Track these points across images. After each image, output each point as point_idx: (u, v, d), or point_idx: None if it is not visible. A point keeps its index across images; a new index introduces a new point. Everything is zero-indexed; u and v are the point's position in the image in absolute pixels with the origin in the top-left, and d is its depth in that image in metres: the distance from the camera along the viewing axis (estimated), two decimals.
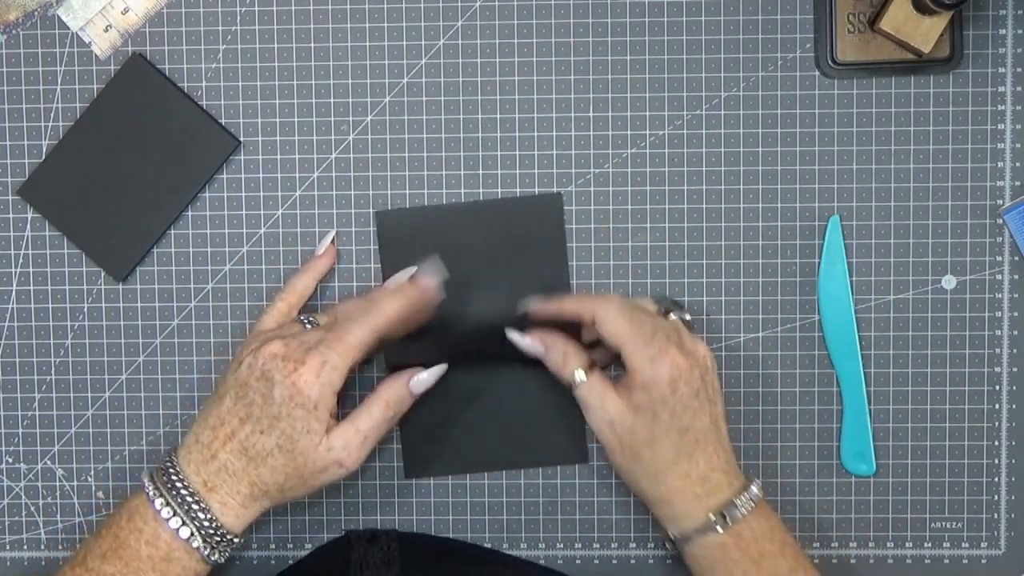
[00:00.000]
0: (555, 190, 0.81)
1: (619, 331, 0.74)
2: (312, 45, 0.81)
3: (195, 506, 0.72)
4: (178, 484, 0.72)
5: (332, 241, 0.81)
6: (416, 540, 0.81)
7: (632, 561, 0.83)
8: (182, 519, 0.72)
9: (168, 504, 0.72)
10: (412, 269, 0.79)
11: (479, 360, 0.81)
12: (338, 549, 0.81)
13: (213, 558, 0.73)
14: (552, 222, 0.81)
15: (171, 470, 0.73)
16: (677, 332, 0.75)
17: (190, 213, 0.82)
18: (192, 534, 0.72)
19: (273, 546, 0.83)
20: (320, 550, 0.82)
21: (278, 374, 0.72)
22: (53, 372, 0.83)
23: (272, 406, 0.72)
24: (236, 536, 0.73)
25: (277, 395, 0.71)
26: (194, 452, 0.73)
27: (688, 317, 0.77)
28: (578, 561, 0.83)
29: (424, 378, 0.76)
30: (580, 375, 0.75)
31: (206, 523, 0.72)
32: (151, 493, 0.72)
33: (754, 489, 0.74)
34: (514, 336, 0.78)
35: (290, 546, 0.83)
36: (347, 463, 0.73)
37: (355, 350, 0.73)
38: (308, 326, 0.76)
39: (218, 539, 0.72)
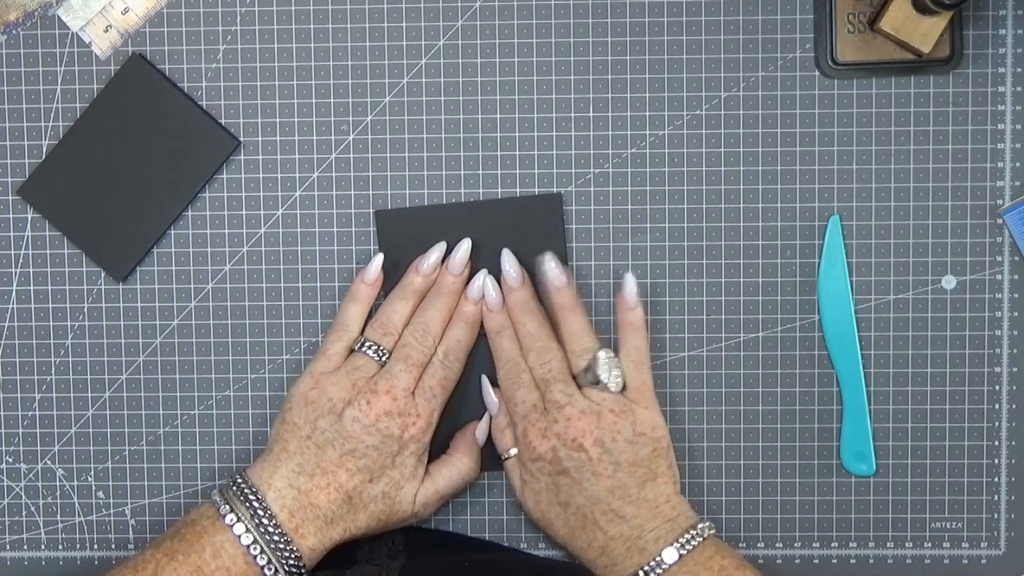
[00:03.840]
0: (555, 190, 0.81)
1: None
2: (312, 45, 0.81)
3: (287, 552, 0.73)
4: (271, 529, 0.73)
5: (381, 266, 0.79)
6: (421, 534, 0.81)
7: None
8: (276, 566, 0.72)
9: (264, 551, 0.72)
10: (443, 246, 0.79)
11: (479, 360, 0.81)
12: (343, 542, 0.81)
13: None
14: (552, 222, 0.81)
15: (260, 511, 0.73)
16: (544, 414, 0.75)
17: (190, 213, 0.82)
18: (278, 573, 0.73)
19: None
20: None
21: (396, 429, 0.74)
22: (53, 372, 0.83)
23: (387, 458, 0.74)
24: (309, 574, 0.75)
25: (396, 447, 0.74)
26: (288, 497, 0.74)
27: (609, 383, 0.76)
28: (578, 560, 0.83)
29: (481, 433, 0.80)
30: (512, 451, 0.78)
31: (294, 568, 0.73)
32: (243, 537, 0.72)
33: (666, 555, 0.73)
34: (485, 383, 0.80)
35: None
36: (421, 517, 0.77)
37: (451, 389, 0.78)
38: (377, 356, 0.76)
39: (296, 574, 0.74)
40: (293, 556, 0.73)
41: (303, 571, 0.74)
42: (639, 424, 0.75)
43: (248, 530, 0.72)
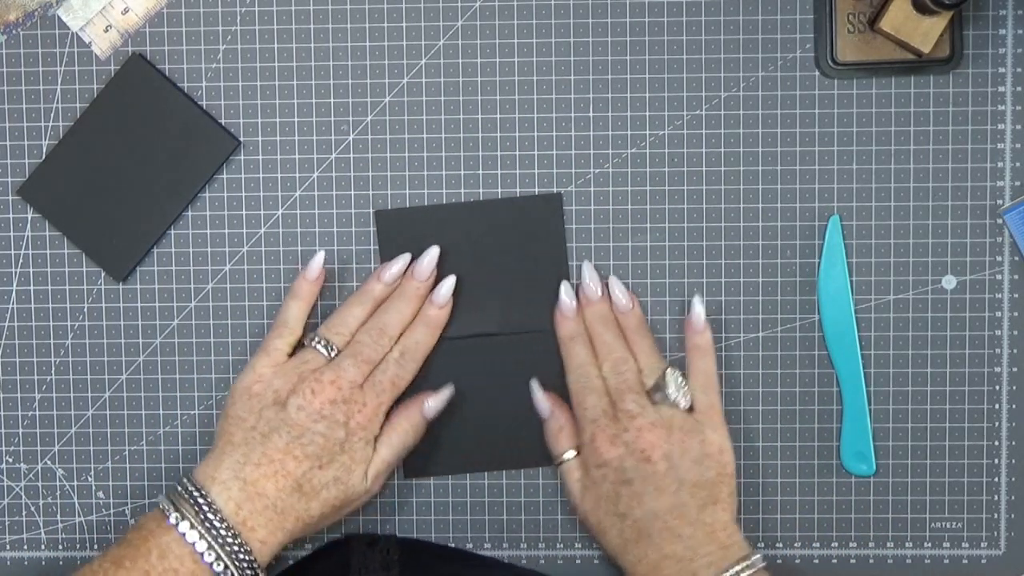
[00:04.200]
0: (555, 190, 0.81)
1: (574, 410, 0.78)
2: (312, 45, 0.81)
3: (236, 546, 0.71)
4: (217, 524, 0.72)
5: (323, 264, 0.79)
6: (415, 545, 0.81)
7: None
8: (225, 562, 0.71)
9: (211, 547, 0.71)
10: (407, 257, 0.79)
11: (478, 360, 0.81)
12: (337, 552, 0.81)
13: None
14: (552, 222, 0.81)
15: (205, 507, 0.72)
16: (615, 421, 0.75)
17: (190, 213, 0.82)
18: (231, 573, 0.72)
19: None
20: (319, 553, 0.82)
21: (341, 415, 0.74)
22: (53, 372, 0.83)
23: (334, 444, 0.74)
24: (264, 573, 0.73)
25: (341, 435, 0.74)
26: (235, 489, 0.73)
27: (678, 401, 0.76)
28: (578, 561, 0.83)
29: (433, 405, 0.79)
30: (568, 454, 0.78)
31: (245, 563, 0.72)
32: (188, 534, 0.71)
33: None
34: (534, 386, 0.80)
35: (289, 546, 0.83)
36: (373, 491, 0.77)
37: (400, 392, 0.77)
38: (326, 352, 0.76)
39: (251, 573, 0.73)
40: (243, 551, 0.71)
41: (256, 568, 0.72)
42: (707, 445, 0.75)
43: (193, 527, 0.71)
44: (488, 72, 0.81)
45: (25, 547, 0.84)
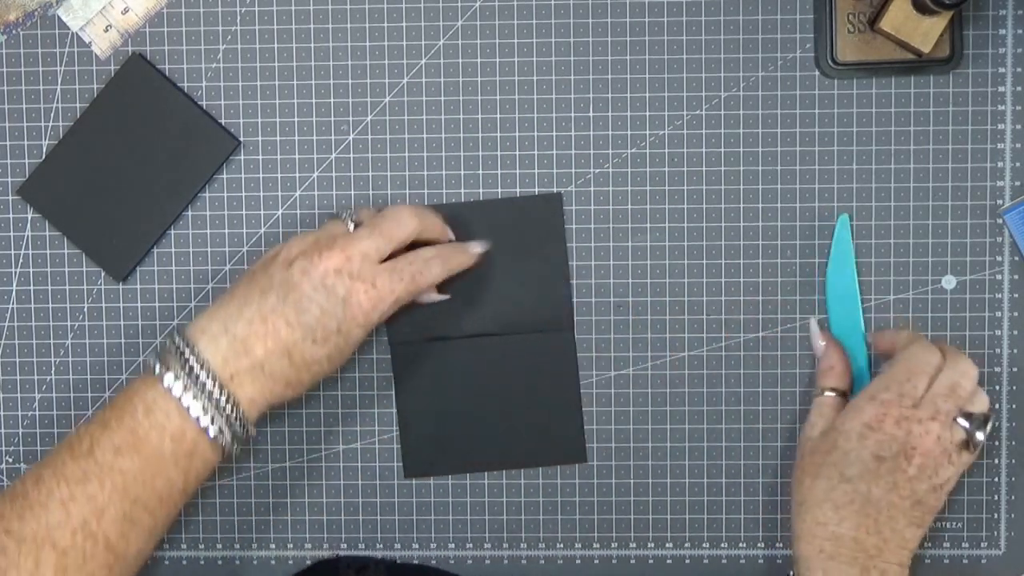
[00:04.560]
0: (555, 190, 0.81)
1: (890, 363, 0.76)
2: (312, 45, 0.81)
3: (223, 400, 0.68)
4: (203, 376, 0.68)
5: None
6: (406, 571, 0.81)
7: (632, 561, 0.83)
8: (212, 415, 0.68)
9: (197, 398, 0.68)
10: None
11: (479, 360, 0.81)
12: (325, 574, 0.81)
13: (234, 451, 0.70)
14: (552, 222, 0.81)
15: (192, 359, 0.69)
16: (919, 406, 0.73)
17: (190, 213, 0.82)
18: (221, 431, 0.69)
19: (273, 546, 0.83)
20: (307, 572, 0.82)
21: (343, 289, 0.70)
22: (53, 372, 0.83)
23: (331, 321, 0.70)
24: (254, 428, 0.71)
25: (340, 313, 0.70)
26: (223, 343, 0.69)
27: (977, 442, 0.74)
28: (578, 561, 0.83)
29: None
30: (826, 393, 0.78)
31: (232, 418, 0.69)
32: (174, 387, 0.68)
33: None
34: (812, 324, 0.80)
35: (290, 546, 0.83)
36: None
37: (417, 292, 0.74)
38: (352, 226, 0.74)
39: (242, 433, 0.70)
40: (230, 404, 0.68)
41: (246, 424, 0.70)
42: (949, 481, 0.74)
43: (178, 378, 0.68)
44: (488, 72, 0.81)
45: None
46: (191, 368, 0.69)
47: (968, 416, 0.73)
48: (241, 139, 0.81)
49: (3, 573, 0.65)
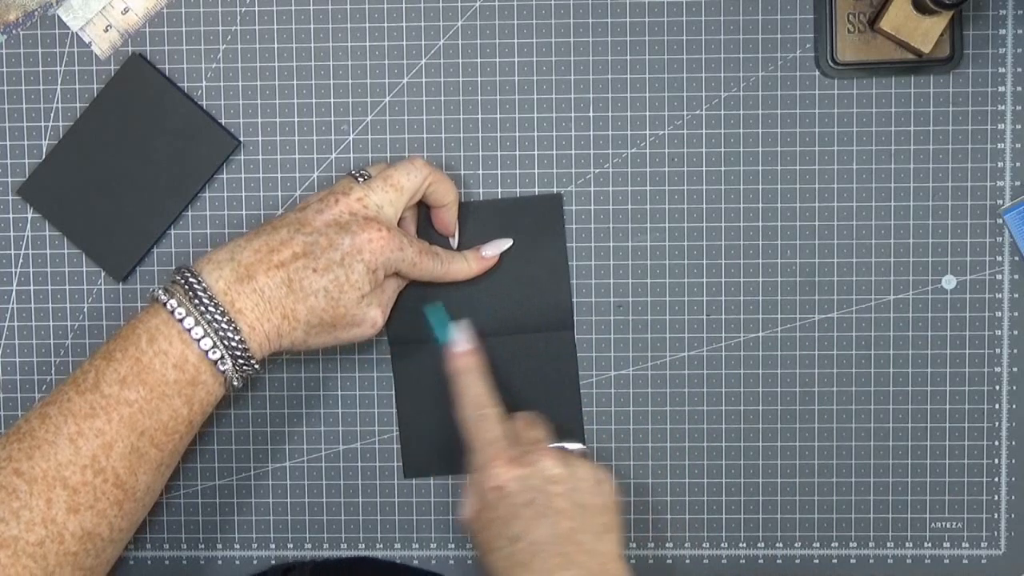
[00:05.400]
0: (555, 190, 0.81)
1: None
2: (312, 45, 0.81)
3: (225, 324, 0.68)
4: (206, 300, 0.68)
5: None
6: (332, 567, 0.81)
7: (632, 561, 0.83)
8: (213, 339, 0.68)
9: (199, 322, 0.68)
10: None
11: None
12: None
13: (235, 383, 0.70)
14: (552, 222, 0.81)
15: (196, 285, 0.69)
16: (516, 442, 0.75)
17: (190, 213, 0.82)
18: (222, 356, 0.69)
19: (273, 546, 0.83)
20: None
21: (355, 226, 0.71)
22: (53, 372, 0.83)
23: (335, 251, 0.71)
24: (257, 361, 0.70)
25: (346, 243, 0.71)
26: (226, 269, 0.70)
27: (573, 447, 0.77)
28: None
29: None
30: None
31: (234, 344, 0.69)
32: (176, 311, 0.68)
33: None
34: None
35: (290, 546, 0.83)
36: (379, 324, 0.74)
37: (428, 265, 0.75)
38: (361, 178, 0.75)
39: (243, 362, 0.70)
40: (231, 329, 0.68)
41: (247, 354, 0.69)
42: (597, 471, 0.74)
43: (181, 303, 0.68)
44: (488, 72, 0.81)
45: None
46: (195, 293, 0.69)
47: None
48: (241, 139, 0.81)
49: (15, 514, 0.65)
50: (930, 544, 0.82)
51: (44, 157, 0.81)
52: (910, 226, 0.81)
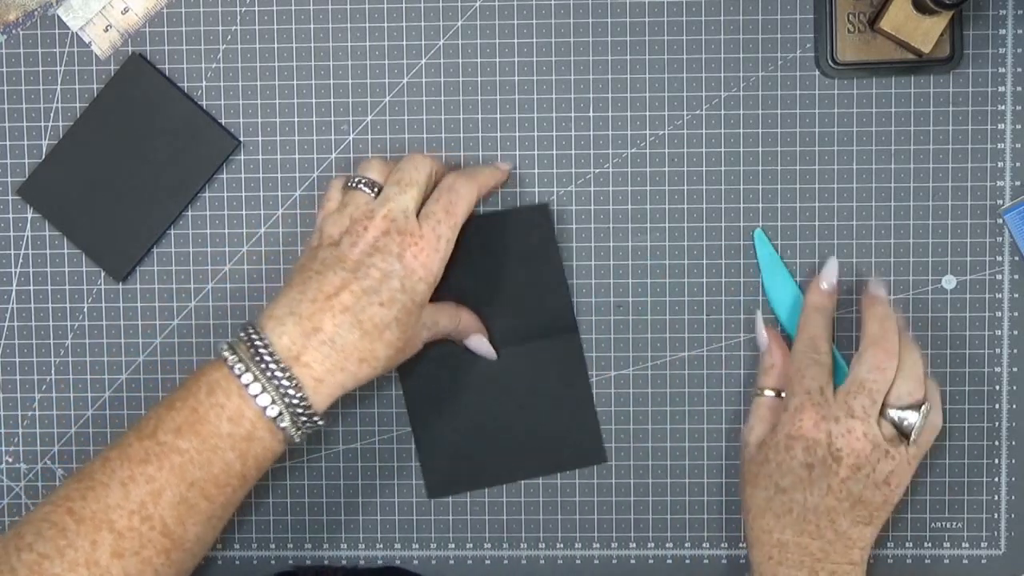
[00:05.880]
0: (542, 201, 0.81)
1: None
2: (312, 45, 0.81)
3: (285, 382, 0.68)
4: (267, 357, 0.68)
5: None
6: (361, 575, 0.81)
7: (632, 561, 0.83)
8: (271, 396, 0.67)
9: (257, 379, 0.68)
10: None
11: (489, 374, 0.80)
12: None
13: (296, 439, 0.69)
14: (542, 232, 0.80)
15: (258, 342, 0.68)
16: (832, 406, 0.73)
17: (190, 213, 0.82)
18: (280, 413, 0.68)
19: (273, 546, 0.83)
20: None
21: (396, 247, 0.70)
22: (53, 372, 0.83)
23: (394, 280, 0.70)
24: (320, 417, 0.69)
25: (398, 269, 0.70)
26: (289, 324, 0.69)
27: (909, 435, 0.74)
28: (578, 561, 0.83)
29: (479, 345, 0.79)
30: (765, 392, 0.78)
31: (295, 400, 0.68)
32: (236, 366, 0.68)
33: None
34: (758, 318, 0.80)
35: (290, 546, 0.83)
36: (418, 347, 0.74)
37: (460, 222, 0.73)
38: (369, 190, 0.73)
39: (304, 419, 0.69)
40: (292, 386, 0.68)
41: (310, 411, 0.68)
42: (892, 476, 0.73)
43: (241, 360, 0.68)
44: (488, 72, 0.81)
45: None
46: (256, 349, 0.68)
47: (889, 406, 0.74)
48: (241, 139, 0.81)
49: (60, 552, 0.66)
50: (930, 544, 0.82)
51: (44, 157, 0.81)
52: (910, 226, 0.81)
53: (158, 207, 0.81)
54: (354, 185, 0.74)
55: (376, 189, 0.73)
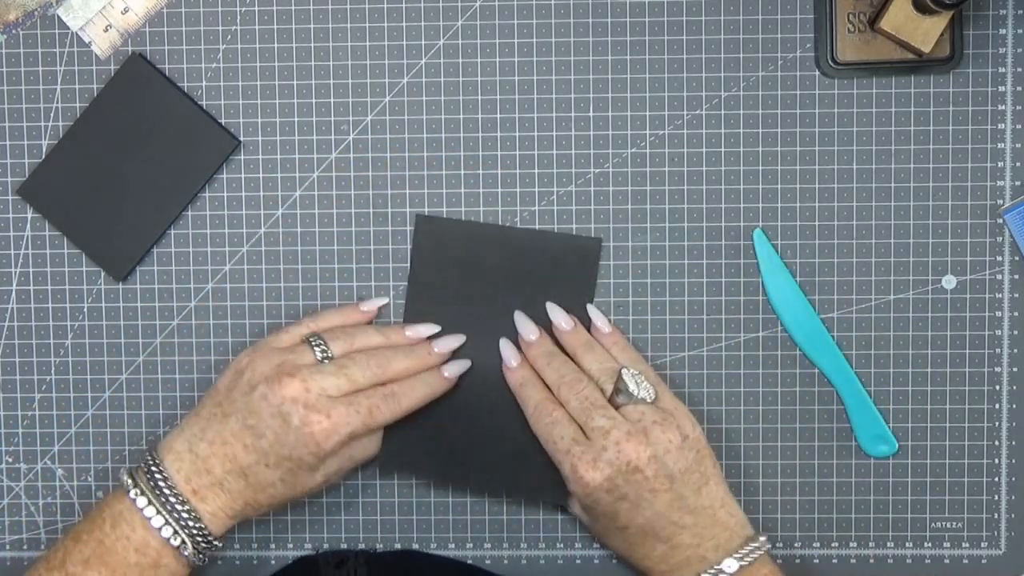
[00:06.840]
0: (597, 236, 0.80)
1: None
2: (312, 45, 0.81)
3: (185, 515, 0.72)
4: (167, 491, 0.73)
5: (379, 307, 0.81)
6: (385, 561, 0.81)
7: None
8: (173, 528, 0.72)
9: (160, 513, 0.72)
10: (434, 328, 0.79)
11: (483, 382, 0.80)
12: (304, 571, 0.81)
13: (198, 563, 0.74)
14: (587, 266, 0.80)
15: (157, 475, 0.73)
16: (589, 444, 0.73)
17: (190, 213, 0.82)
18: (183, 542, 0.73)
19: (273, 546, 0.83)
20: (285, 571, 0.82)
21: (297, 419, 0.72)
22: (53, 372, 0.83)
23: (284, 447, 0.73)
24: (220, 541, 0.74)
25: (292, 439, 0.72)
26: (186, 461, 0.73)
27: (641, 394, 0.75)
28: (578, 561, 0.83)
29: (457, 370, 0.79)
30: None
31: (195, 531, 0.73)
32: (138, 500, 0.73)
33: (727, 565, 0.73)
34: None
35: (290, 546, 0.83)
36: (332, 484, 0.78)
37: (376, 428, 0.75)
38: (320, 355, 0.75)
39: (205, 545, 0.74)
40: (191, 518, 0.72)
41: (209, 537, 0.73)
42: (682, 428, 0.74)
43: (143, 493, 0.72)
44: (488, 72, 0.81)
45: (25, 547, 0.84)
46: (156, 483, 0.73)
47: (616, 393, 0.74)
48: (241, 139, 0.81)
49: None
50: (930, 544, 0.82)
51: (44, 157, 0.81)
52: (910, 226, 0.81)
53: (158, 207, 0.81)
54: (313, 342, 0.76)
55: (327, 358, 0.75)
